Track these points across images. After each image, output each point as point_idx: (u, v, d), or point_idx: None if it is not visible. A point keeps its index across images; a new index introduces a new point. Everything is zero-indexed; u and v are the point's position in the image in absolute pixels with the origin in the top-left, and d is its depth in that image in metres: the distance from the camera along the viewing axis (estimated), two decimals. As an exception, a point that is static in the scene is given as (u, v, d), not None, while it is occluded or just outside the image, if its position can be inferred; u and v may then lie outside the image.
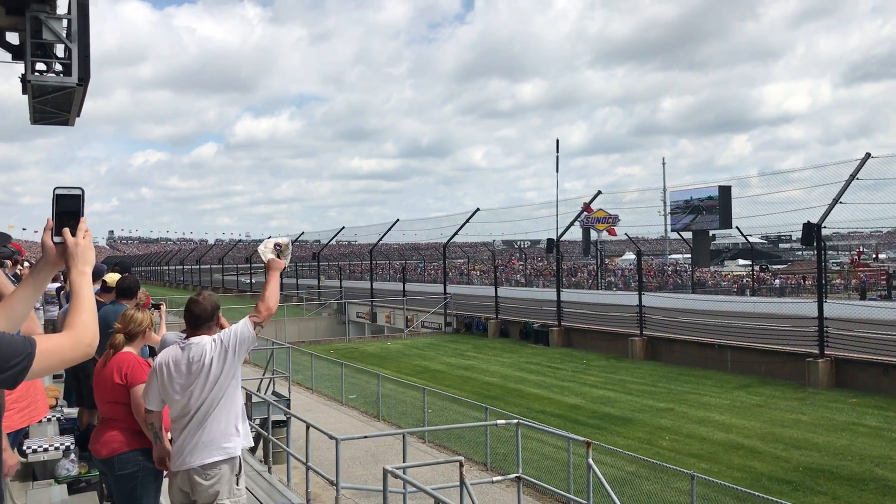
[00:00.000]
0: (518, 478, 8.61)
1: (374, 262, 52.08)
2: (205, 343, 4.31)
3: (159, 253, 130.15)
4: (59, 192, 2.19)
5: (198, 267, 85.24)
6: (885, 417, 15.94)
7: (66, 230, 2.15)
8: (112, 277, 6.80)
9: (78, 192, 2.21)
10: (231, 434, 4.32)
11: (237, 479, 4.36)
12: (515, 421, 9.08)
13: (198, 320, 4.40)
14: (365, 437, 10.88)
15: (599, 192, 36.30)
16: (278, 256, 4.54)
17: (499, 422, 9.79)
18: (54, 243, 2.15)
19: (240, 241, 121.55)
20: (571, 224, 36.35)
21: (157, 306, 6.19)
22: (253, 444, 4.56)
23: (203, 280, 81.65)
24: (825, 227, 21.66)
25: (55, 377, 8.54)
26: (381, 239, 47.95)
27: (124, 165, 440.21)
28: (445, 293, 37.91)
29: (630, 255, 72.70)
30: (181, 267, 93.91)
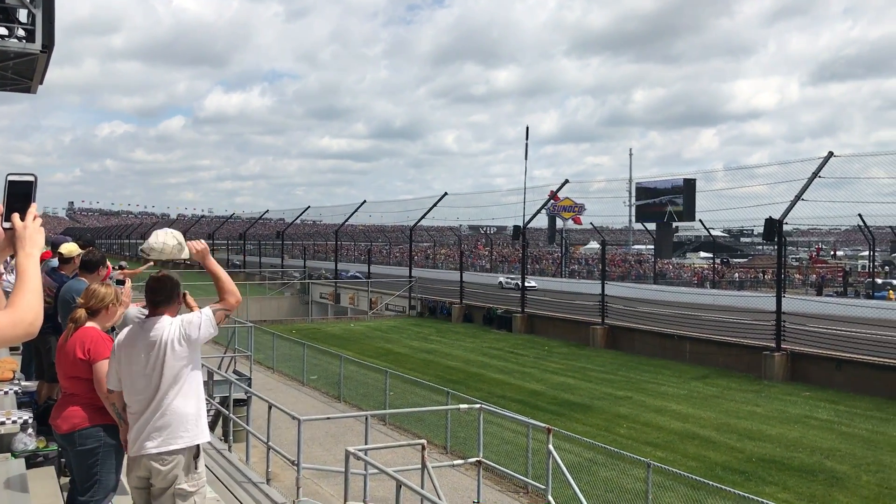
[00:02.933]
0: (478, 462, 8.68)
1: (339, 242, 51.84)
2: (165, 323, 4.23)
3: (120, 226, 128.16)
4: (11, 178, 2.17)
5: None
6: (836, 411, 16.33)
7: (16, 215, 2.14)
8: (68, 248, 6.64)
9: (31, 178, 2.20)
10: (190, 423, 4.23)
11: (196, 463, 4.30)
12: (478, 406, 9.13)
13: (158, 298, 4.33)
14: (328, 418, 10.87)
15: (567, 181, 36.53)
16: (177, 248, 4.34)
17: (461, 406, 9.85)
18: (4, 229, 2.14)
19: (203, 216, 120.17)
20: (538, 212, 36.57)
21: (121, 282, 6.08)
22: (209, 440, 4.47)
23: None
24: (786, 223, 22.04)
25: (12, 350, 8.38)
26: (347, 220, 47.76)
27: (89, 136, 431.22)
28: (410, 276, 37.91)
29: (594, 244, 73.33)
30: (143, 241, 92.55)
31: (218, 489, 7.56)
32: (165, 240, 4.27)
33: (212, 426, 12.03)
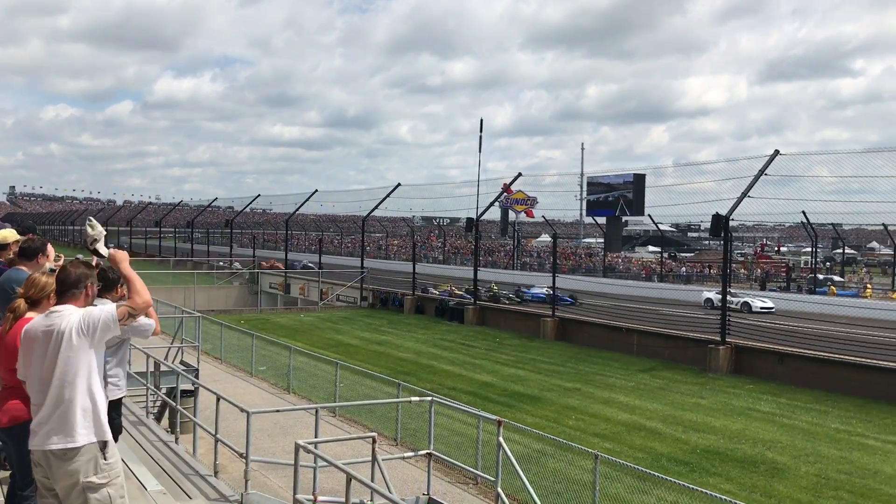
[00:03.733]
0: (429, 454, 8.68)
1: (289, 232, 51.33)
2: (67, 314, 4.11)
3: (64, 212, 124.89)
4: None
5: (105, 229, 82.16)
6: (778, 404, 16.75)
7: None
8: (3, 234, 6.44)
9: None
10: (90, 418, 4.05)
11: (104, 455, 4.10)
12: (429, 398, 9.13)
13: (61, 287, 4.23)
14: (277, 410, 10.76)
15: (520, 174, 36.77)
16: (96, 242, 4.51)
17: (413, 399, 9.83)
18: None
19: (150, 203, 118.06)
20: (491, 204, 36.69)
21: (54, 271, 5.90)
22: (113, 439, 4.33)
23: (109, 242, 78.94)
24: (732, 220, 22.48)
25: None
26: (298, 209, 47.29)
27: (33, 119, 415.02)
28: (362, 267, 37.74)
29: (546, 238, 73.94)
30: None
31: (164, 481, 7.44)
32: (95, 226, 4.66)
33: (158, 417, 11.84)
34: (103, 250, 4.46)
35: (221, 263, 48.09)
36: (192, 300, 31.56)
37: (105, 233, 4.52)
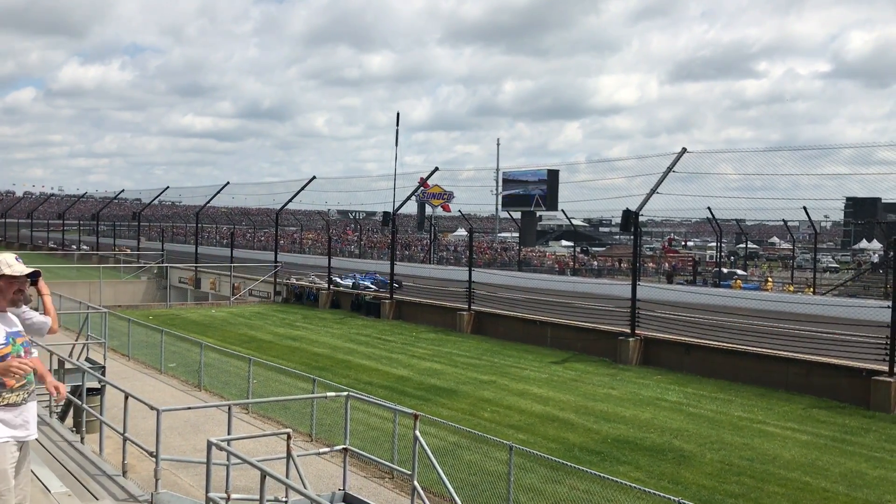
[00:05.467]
0: (345, 449, 8.63)
1: (200, 225, 50.07)
2: None
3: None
4: None
5: (3, 220, 78.59)
6: (685, 393, 17.34)
7: None
8: None
9: None
10: None
11: None
12: (346, 393, 9.07)
13: None
14: (189, 408, 10.49)
15: (437, 169, 36.83)
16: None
17: (329, 394, 9.74)
18: None
19: (52, 195, 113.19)
20: (408, 198, 36.77)
21: None
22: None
23: (9, 235, 75.51)
24: (642, 215, 23.11)
25: None
26: (209, 201, 46.17)
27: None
28: (276, 261, 37.16)
29: (462, 232, 74.44)
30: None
31: (69, 482, 7.19)
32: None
33: (62, 417, 11.41)
34: (21, 269, 4.50)
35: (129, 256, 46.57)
36: (98, 295, 30.45)
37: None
